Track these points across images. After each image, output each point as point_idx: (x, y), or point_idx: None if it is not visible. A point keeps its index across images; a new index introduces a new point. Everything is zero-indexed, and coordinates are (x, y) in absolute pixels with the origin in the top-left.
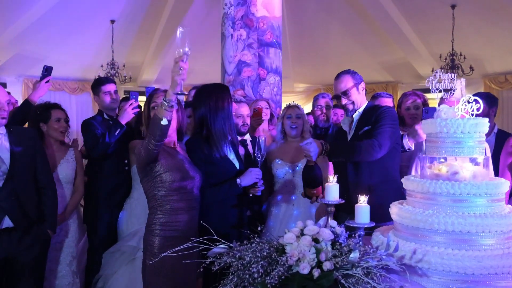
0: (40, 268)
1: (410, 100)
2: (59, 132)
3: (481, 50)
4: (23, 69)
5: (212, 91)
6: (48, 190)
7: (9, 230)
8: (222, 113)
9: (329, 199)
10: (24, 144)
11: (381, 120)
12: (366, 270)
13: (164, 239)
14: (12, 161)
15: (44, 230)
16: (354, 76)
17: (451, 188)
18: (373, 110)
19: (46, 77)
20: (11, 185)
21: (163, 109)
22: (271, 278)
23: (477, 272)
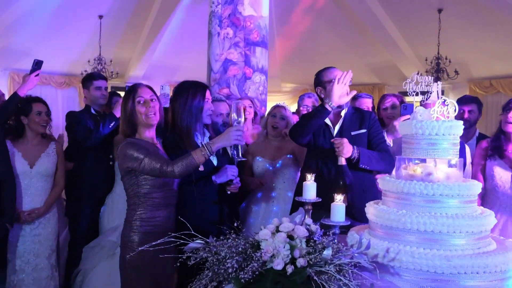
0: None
1: (387, 100)
2: (39, 125)
3: (466, 54)
4: (9, 63)
5: (184, 89)
6: (7, 183)
7: None
8: (190, 110)
9: (306, 197)
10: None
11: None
12: (339, 267)
13: (144, 235)
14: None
15: (2, 224)
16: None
17: (424, 188)
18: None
19: (35, 70)
20: None
21: (202, 154)
22: (245, 273)
23: (447, 271)
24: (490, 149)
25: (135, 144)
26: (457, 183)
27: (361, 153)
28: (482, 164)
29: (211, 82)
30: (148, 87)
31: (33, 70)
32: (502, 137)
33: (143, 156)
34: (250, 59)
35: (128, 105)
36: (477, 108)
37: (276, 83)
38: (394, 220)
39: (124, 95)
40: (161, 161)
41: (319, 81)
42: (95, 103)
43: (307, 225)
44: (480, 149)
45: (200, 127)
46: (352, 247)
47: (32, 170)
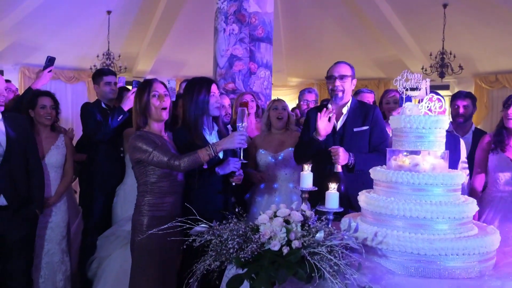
0: (29, 245)
1: (390, 95)
2: (44, 119)
3: (472, 49)
4: (20, 58)
5: (191, 85)
6: (36, 173)
7: (1, 209)
8: (196, 104)
9: (303, 186)
10: (18, 128)
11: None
12: (330, 249)
13: (152, 219)
14: (8, 144)
15: (32, 210)
16: (352, 70)
17: (411, 178)
18: (364, 108)
19: (48, 67)
20: (7, 166)
21: (207, 154)
22: (244, 253)
23: (429, 253)
24: (492, 143)
25: (145, 137)
26: (442, 173)
27: (357, 160)
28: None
29: (217, 77)
30: (162, 83)
31: (46, 66)
32: (504, 132)
33: (152, 149)
34: (255, 55)
35: (143, 98)
36: (472, 103)
37: (282, 78)
38: (383, 207)
39: (138, 88)
40: (168, 155)
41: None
42: (105, 98)
43: (302, 211)
44: (483, 143)
45: (207, 121)
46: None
47: (43, 162)
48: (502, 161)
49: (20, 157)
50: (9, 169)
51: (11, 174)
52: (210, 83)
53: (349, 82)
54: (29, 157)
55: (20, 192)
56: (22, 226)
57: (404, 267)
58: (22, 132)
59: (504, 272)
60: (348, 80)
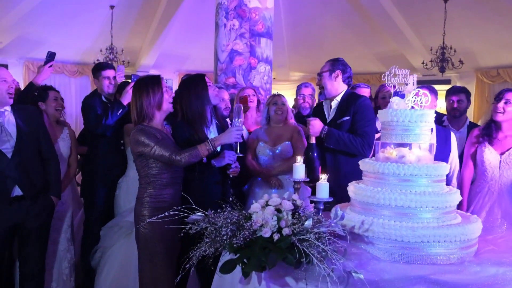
0: (45, 233)
1: (386, 89)
2: (56, 110)
3: (473, 43)
4: (24, 52)
5: (189, 81)
6: (52, 161)
7: (19, 199)
8: (196, 99)
9: (295, 177)
10: (28, 120)
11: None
12: (318, 235)
13: (153, 209)
14: (19, 135)
15: (49, 198)
16: (333, 64)
17: (397, 169)
18: (350, 99)
19: (49, 62)
20: (18, 157)
21: (206, 149)
22: (237, 240)
23: (412, 240)
24: (481, 136)
25: (146, 131)
26: (426, 164)
27: (329, 135)
28: (473, 151)
29: (218, 72)
30: None
31: (47, 61)
32: (492, 125)
33: (154, 144)
34: (255, 50)
35: (157, 93)
36: (466, 98)
37: (284, 72)
38: (370, 197)
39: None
40: (170, 150)
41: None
42: (104, 91)
43: (293, 201)
44: (472, 137)
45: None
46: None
47: None
48: (489, 154)
49: (32, 147)
50: (21, 160)
51: (24, 165)
52: (203, 76)
53: (327, 76)
54: (43, 146)
55: (35, 182)
56: (40, 214)
57: (389, 254)
58: (33, 123)
59: (484, 258)
60: (325, 76)
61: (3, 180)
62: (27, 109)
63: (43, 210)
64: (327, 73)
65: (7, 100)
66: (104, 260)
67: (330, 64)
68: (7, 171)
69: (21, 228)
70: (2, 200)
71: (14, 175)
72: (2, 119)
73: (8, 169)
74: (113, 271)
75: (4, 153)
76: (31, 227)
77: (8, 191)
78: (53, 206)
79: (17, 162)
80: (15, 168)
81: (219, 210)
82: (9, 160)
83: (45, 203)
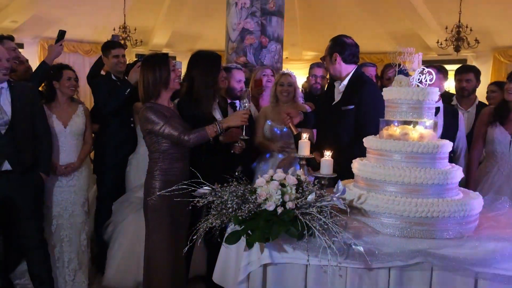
0: (37, 208)
1: (390, 70)
2: (69, 89)
3: (490, 22)
4: (39, 31)
5: (203, 58)
6: (44, 139)
7: (8, 173)
8: (208, 78)
9: (301, 154)
10: (24, 98)
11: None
12: (320, 209)
13: (163, 182)
14: (13, 112)
15: (38, 174)
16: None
17: (400, 146)
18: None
19: (59, 40)
20: (11, 134)
21: (214, 131)
22: (241, 212)
23: (412, 215)
24: (492, 116)
25: (155, 109)
26: (429, 142)
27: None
28: (484, 131)
29: (229, 51)
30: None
31: (58, 40)
32: (504, 105)
33: (163, 123)
34: (266, 28)
35: (163, 71)
36: (475, 77)
37: (297, 51)
38: (373, 173)
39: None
40: (179, 130)
41: None
42: (114, 70)
43: (298, 176)
44: (483, 115)
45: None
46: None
47: (66, 129)
48: (500, 134)
49: (26, 125)
50: (13, 136)
51: (16, 141)
52: (219, 60)
53: (328, 62)
54: (37, 124)
55: (25, 158)
56: (29, 189)
57: (389, 228)
58: (28, 101)
59: (483, 234)
60: (326, 61)
61: None
62: (22, 86)
63: (32, 185)
64: (327, 57)
65: (1, 77)
66: (116, 233)
67: (328, 47)
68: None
69: (11, 203)
70: None
71: (5, 151)
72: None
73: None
74: (124, 244)
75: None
76: (21, 201)
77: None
78: (42, 182)
79: (9, 138)
80: (7, 143)
81: (225, 184)
82: (2, 135)
83: (34, 178)
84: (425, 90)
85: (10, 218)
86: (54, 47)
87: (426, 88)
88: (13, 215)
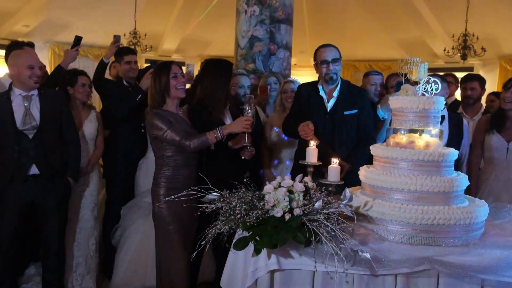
0: (62, 211)
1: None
2: (83, 95)
3: (497, 30)
4: (50, 35)
5: (214, 65)
6: (72, 144)
7: (36, 177)
8: (218, 85)
9: (308, 161)
10: (53, 104)
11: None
12: (327, 216)
13: (168, 189)
14: (42, 118)
15: (66, 179)
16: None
17: (407, 154)
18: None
19: (75, 46)
20: (39, 139)
21: (215, 136)
22: (250, 218)
23: (418, 222)
24: (490, 123)
25: (161, 115)
26: (435, 150)
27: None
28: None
29: (238, 57)
30: (178, 65)
31: (74, 45)
32: (501, 113)
33: (166, 128)
34: (275, 36)
35: (163, 79)
36: (479, 85)
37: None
38: (380, 180)
39: (157, 70)
40: (180, 135)
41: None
42: (126, 76)
43: (305, 183)
44: (481, 123)
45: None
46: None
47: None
48: (497, 142)
49: (54, 131)
50: (41, 141)
51: (43, 146)
52: (231, 68)
53: (340, 64)
54: (65, 130)
55: (52, 162)
56: (56, 193)
57: (395, 235)
58: (57, 107)
59: (489, 241)
60: (340, 63)
61: (22, 158)
62: (52, 93)
63: (59, 189)
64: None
65: (33, 85)
66: (124, 238)
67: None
68: (26, 150)
69: (38, 206)
70: (19, 176)
71: (33, 155)
72: (28, 103)
73: (28, 149)
74: (132, 249)
75: (26, 134)
76: (48, 204)
77: (26, 169)
78: (69, 187)
79: (37, 143)
80: (35, 148)
81: (233, 190)
82: (30, 140)
83: (62, 183)
84: (431, 99)
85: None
86: (70, 52)
87: (432, 97)
88: (38, 219)
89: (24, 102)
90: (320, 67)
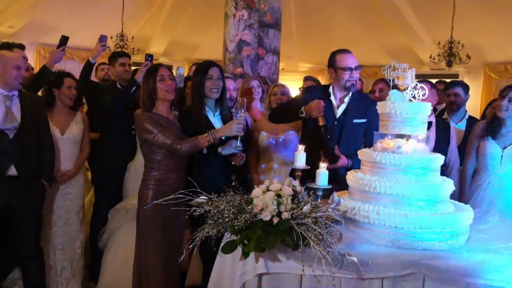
0: (38, 216)
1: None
2: (68, 98)
3: (482, 38)
4: (36, 37)
5: (198, 68)
6: (48, 149)
7: (12, 179)
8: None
9: (296, 165)
10: (32, 106)
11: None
12: (315, 220)
13: (157, 192)
14: (23, 118)
15: (41, 182)
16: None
17: (393, 159)
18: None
19: (62, 46)
20: (20, 139)
21: (206, 140)
22: (238, 222)
23: (405, 226)
24: (485, 130)
25: (151, 118)
26: (421, 156)
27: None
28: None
29: (226, 61)
30: (167, 67)
31: (60, 45)
32: (496, 120)
33: (157, 132)
34: (263, 40)
35: (150, 82)
36: (463, 91)
37: (293, 63)
38: (367, 185)
39: (146, 73)
40: (172, 138)
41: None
42: (120, 78)
43: (293, 187)
44: (476, 130)
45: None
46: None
47: (63, 137)
48: (492, 148)
49: (33, 133)
50: (22, 142)
51: (23, 147)
52: (208, 67)
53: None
54: (42, 135)
55: (30, 164)
56: (31, 196)
57: (382, 239)
58: (36, 110)
59: (474, 246)
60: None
61: (0, 158)
62: (31, 96)
63: (35, 193)
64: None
65: (17, 86)
66: (111, 241)
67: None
68: (6, 150)
69: (14, 210)
70: None
71: (12, 155)
72: (10, 103)
73: (7, 148)
74: (119, 252)
75: (7, 133)
76: (24, 208)
77: (4, 169)
78: (44, 190)
79: (17, 143)
80: (14, 148)
81: (222, 194)
82: (10, 140)
83: (37, 186)
84: (418, 105)
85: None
86: (56, 52)
87: (419, 103)
88: (13, 222)
89: (6, 101)
90: (341, 73)
